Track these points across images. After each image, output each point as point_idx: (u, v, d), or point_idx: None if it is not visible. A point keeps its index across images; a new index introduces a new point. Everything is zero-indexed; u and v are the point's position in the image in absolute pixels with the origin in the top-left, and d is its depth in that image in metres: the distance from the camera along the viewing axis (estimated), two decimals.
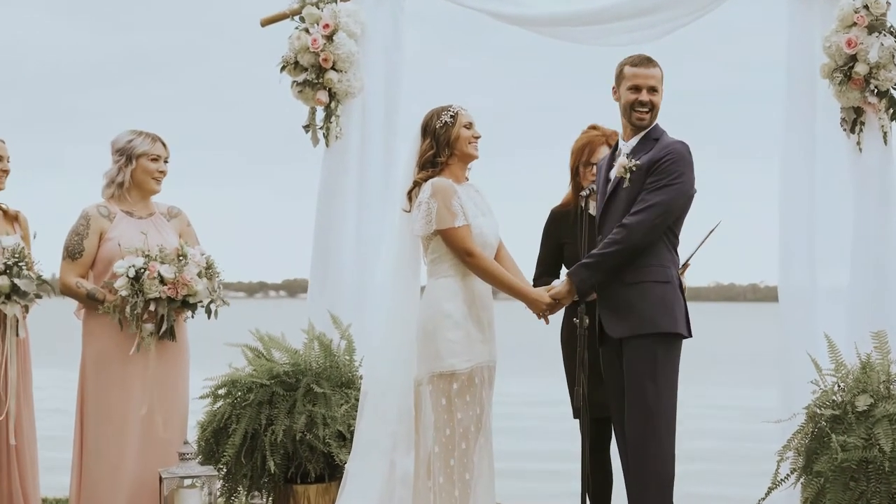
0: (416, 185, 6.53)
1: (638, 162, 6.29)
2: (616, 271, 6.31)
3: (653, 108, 6.39)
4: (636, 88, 6.34)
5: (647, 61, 6.39)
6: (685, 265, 6.91)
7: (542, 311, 6.51)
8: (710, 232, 7.01)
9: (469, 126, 6.54)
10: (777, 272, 7.40)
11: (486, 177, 6.77)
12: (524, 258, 6.89)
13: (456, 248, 6.40)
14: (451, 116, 6.52)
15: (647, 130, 6.39)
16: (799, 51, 7.38)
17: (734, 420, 18.84)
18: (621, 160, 6.38)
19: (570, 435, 7.43)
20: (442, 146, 6.49)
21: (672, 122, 6.52)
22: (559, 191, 7.12)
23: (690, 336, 6.34)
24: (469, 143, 6.54)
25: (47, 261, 7.13)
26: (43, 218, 7.48)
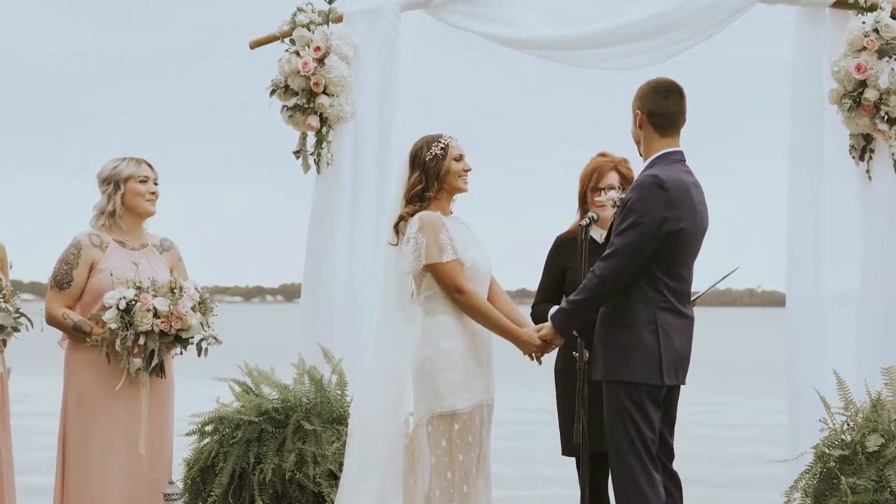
0: (403, 218, 6.35)
1: (622, 196, 6.15)
2: (593, 313, 6.17)
3: (638, 144, 6.25)
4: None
5: None
6: (693, 302, 6.66)
7: (533, 352, 6.32)
8: (725, 276, 6.82)
9: (459, 158, 6.38)
10: (786, 310, 7.18)
11: (496, 178, 6.58)
12: (515, 261, 6.71)
13: (445, 284, 6.23)
14: (442, 149, 6.35)
15: (646, 162, 6.20)
16: (805, 75, 7.16)
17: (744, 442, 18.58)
18: (611, 193, 6.26)
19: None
20: (431, 180, 6.33)
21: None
22: (553, 193, 6.92)
23: (662, 384, 6.03)
24: (459, 176, 6.39)
25: (45, 265, 7.04)
26: (43, 219, 7.32)
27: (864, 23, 6.84)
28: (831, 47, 7.03)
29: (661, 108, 6.14)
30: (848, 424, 6.36)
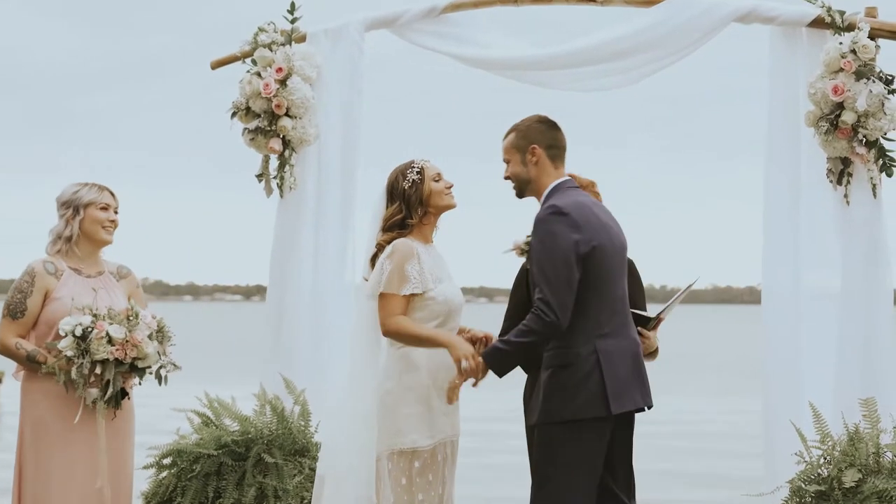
0: (380, 247, 6.15)
1: (528, 241, 6.06)
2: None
3: (514, 180, 6.16)
4: None
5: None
6: (658, 319, 6.56)
7: (468, 358, 5.97)
8: (687, 287, 6.68)
9: (438, 178, 6.22)
10: (761, 337, 6.95)
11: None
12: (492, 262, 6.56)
13: (381, 311, 6.04)
14: (418, 173, 6.18)
15: (542, 197, 6.09)
16: (781, 96, 6.93)
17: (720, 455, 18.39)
18: (516, 239, 6.20)
19: None
20: (414, 207, 6.15)
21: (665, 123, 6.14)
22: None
23: (608, 414, 5.83)
24: (444, 194, 6.21)
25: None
26: (38, 222, 7.07)
27: (841, 43, 6.61)
28: (808, 68, 6.80)
29: (556, 140, 6.12)
30: (825, 458, 6.19)
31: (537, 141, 6.06)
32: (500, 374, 5.97)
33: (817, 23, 6.79)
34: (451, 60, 7.30)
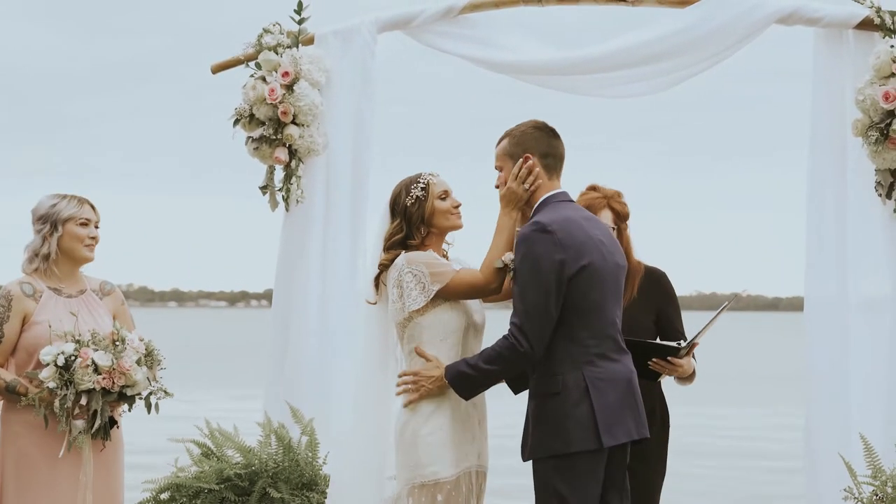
0: (384, 267, 5.74)
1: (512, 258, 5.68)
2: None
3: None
4: None
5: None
6: (692, 344, 6.18)
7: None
8: (721, 309, 6.24)
9: (444, 196, 5.83)
10: (806, 357, 6.49)
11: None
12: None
13: (469, 287, 5.72)
14: (423, 189, 5.79)
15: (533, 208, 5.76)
16: (826, 103, 6.49)
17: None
18: (505, 256, 5.74)
19: None
20: (415, 225, 5.77)
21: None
22: None
23: (600, 447, 5.46)
24: (451, 214, 5.83)
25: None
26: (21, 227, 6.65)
27: (892, 46, 6.18)
28: (855, 73, 6.35)
29: (552, 149, 5.77)
30: (877, 495, 5.79)
31: (532, 149, 5.71)
32: (466, 398, 5.68)
33: (865, 24, 6.37)
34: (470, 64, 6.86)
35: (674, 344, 6.21)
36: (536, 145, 5.73)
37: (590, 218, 5.74)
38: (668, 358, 6.16)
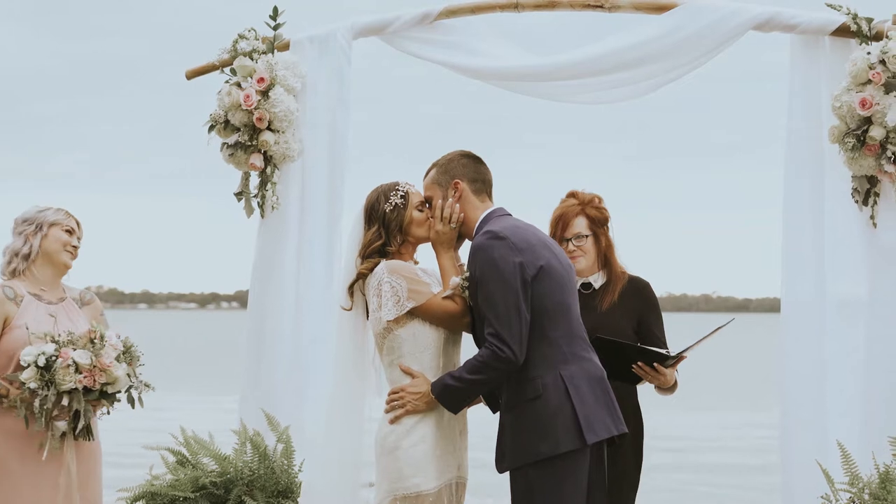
0: (362, 276, 5.71)
1: (465, 275, 5.74)
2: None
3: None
4: None
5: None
6: (679, 357, 6.21)
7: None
8: (718, 329, 6.24)
9: (422, 207, 5.85)
10: (782, 361, 6.45)
11: None
12: None
13: (443, 315, 5.70)
14: (402, 197, 5.81)
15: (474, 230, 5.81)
16: (803, 110, 6.46)
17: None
18: (454, 280, 5.78)
19: None
20: (393, 233, 5.75)
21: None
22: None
23: (584, 445, 5.50)
24: (426, 225, 5.84)
25: None
26: None
27: (868, 53, 6.14)
28: (832, 80, 6.34)
29: (480, 174, 5.90)
30: (854, 502, 5.78)
31: (459, 175, 5.83)
32: (454, 411, 5.70)
33: (841, 31, 6.34)
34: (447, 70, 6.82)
35: (663, 351, 6.22)
36: (464, 171, 5.84)
37: (534, 226, 5.83)
38: (654, 364, 6.17)
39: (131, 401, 6.30)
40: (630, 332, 6.42)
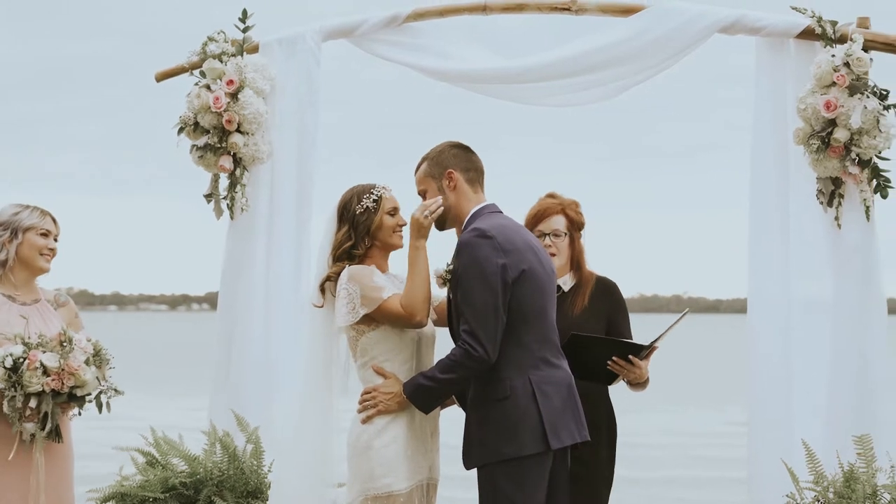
0: (331, 278, 5.75)
1: (449, 268, 5.73)
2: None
3: (446, 211, 5.90)
4: None
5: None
6: (652, 348, 6.26)
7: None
8: (682, 316, 6.36)
9: (393, 212, 5.84)
10: (749, 360, 6.50)
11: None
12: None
13: (396, 319, 5.67)
14: (374, 201, 5.80)
15: (464, 223, 5.82)
16: (769, 112, 6.50)
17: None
18: (438, 268, 5.77)
19: None
20: (361, 235, 5.76)
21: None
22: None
23: (547, 449, 5.54)
24: (393, 232, 5.83)
25: None
26: None
27: (833, 56, 6.19)
28: (797, 82, 6.38)
29: (472, 163, 5.86)
30: (819, 501, 5.85)
31: (453, 165, 5.81)
32: (426, 411, 5.72)
33: (806, 34, 6.39)
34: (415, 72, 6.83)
35: (640, 342, 6.27)
36: (457, 161, 5.83)
37: (523, 227, 5.88)
38: (630, 357, 6.21)
39: (100, 406, 6.29)
40: (601, 333, 6.46)
